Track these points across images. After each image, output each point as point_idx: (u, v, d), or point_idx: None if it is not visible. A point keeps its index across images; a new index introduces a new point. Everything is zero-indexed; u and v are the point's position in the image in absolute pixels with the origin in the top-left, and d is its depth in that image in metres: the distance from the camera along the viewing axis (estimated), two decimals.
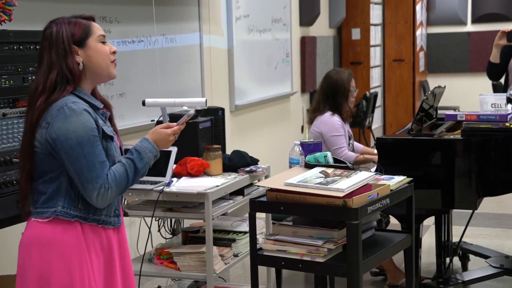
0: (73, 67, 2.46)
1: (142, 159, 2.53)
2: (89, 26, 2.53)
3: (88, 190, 2.41)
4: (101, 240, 2.52)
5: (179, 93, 5.37)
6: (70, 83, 2.45)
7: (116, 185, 2.45)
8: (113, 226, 2.57)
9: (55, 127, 2.39)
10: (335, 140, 4.82)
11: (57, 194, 2.45)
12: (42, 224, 2.45)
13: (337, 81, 4.91)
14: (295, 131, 8.07)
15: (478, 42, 10.28)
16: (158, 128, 2.65)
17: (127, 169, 2.48)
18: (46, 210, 2.45)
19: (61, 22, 2.51)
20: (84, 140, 2.39)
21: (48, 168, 2.45)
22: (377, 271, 4.87)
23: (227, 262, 3.82)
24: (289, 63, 7.78)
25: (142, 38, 4.98)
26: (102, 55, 2.53)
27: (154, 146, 2.58)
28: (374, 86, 9.86)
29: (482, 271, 4.59)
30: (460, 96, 9.86)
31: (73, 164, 2.40)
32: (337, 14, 9.20)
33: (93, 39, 2.52)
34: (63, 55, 2.45)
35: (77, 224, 2.46)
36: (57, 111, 2.40)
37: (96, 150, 2.41)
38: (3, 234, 3.47)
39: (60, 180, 2.45)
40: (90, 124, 2.42)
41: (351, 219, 2.82)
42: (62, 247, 2.44)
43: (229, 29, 6.39)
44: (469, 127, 4.14)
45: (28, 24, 3.55)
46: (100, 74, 2.55)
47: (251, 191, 4.00)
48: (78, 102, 2.44)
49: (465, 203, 4.05)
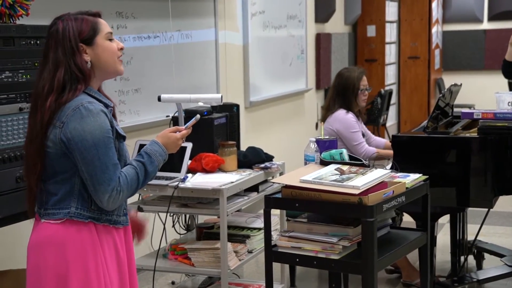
0: (82, 66, 2.42)
1: (153, 162, 2.53)
2: (97, 24, 2.48)
3: (100, 192, 2.38)
4: (113, 239, 2.52)
5: (194, 89, 5.38)
6: (81, 81, 2.41)
7: (127, 188, 2.44)
8: (123, 225, 2.57)
9: (70, 127, 2.36)
10: (354, 136, 4.84)
11: (69, 196, 2.42)
12: (55, 226, 2.42)
13: (347, 79, 4.94)
14: (310, 128, 8.06)
15: (494, 40, 10.22)
16: (167, 131, 2.64)
17: (138, 172, 2.48)
18: (58, 212, 2.43)
19: (67, 19, 2.46)
20: (100, 142, 2.36)
21: (60, 169, 2.42)
22: (392, 269, 4.86)
23: (241, 258, 3.82)
24: (304, 60, 7.77)
25: (158, 33, 4.98)
26: (110, 53, 2.49)
27: (164, 150, 2.58)
28: (389, 84, 9.82)
29: (497, 269, 4.57)
30: (476, 94, 9.81)
31: (86, 165, 2.37)
32: (352, 11, 9.17)
33: (101, 36, 2.47)
34: (70, 53, 2.41)
35: (91, 225, 2.45)
36: (72, 111, 2.36)
37: (110, 152, 2.40)
38: (17, 228, 3.49)
39: (73, 181, 2.42)
40: (106, 125, 2.39)
41: (366, 216, 2.81)
42: (77, 245, 2.42)
43: (244, 25, 6.39)
44: (485, 125, 4.12)
45: (45, 19, 3.54)
46: (108, 71, 2.52)
47: (266, 187, 4.00)
48: (94, 102, 2.41)
49: (481, 201, 4.03)
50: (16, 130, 3.04)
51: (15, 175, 3.01)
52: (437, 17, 10.32)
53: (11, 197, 2.99)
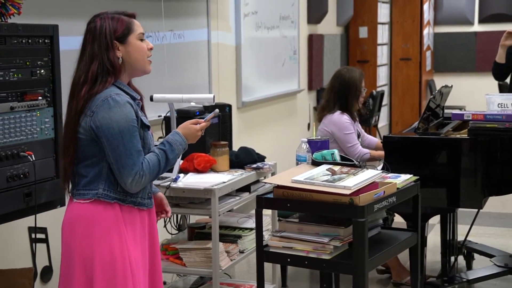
0: (114, 61, 2.65)
1: (173, 151, 2.72)
2: (131, 24, 2.71)
3: (124, 176, 2.60)
4: (136, 220, 2.71)
5: (186, 89, 5.38)
6: (111, 75, 2.64)
7: (150, 173, 2.64)
8: (147, 208, 2.76)
9: (99, 116, 2.58)
10: (348, 138, 4.80)
11: (98, 178, 2.65)
12: (84, 205, 2.65)
13: (349, 80, 4.85)
14: (302, 129, 8.08)
15: (485, 42, 10.26)
16: (188, 123, 2.83)
17: (160, 159, 2.68)
18: (88, 192, 2.65)
19: (105, 17, 2.69)
20: (124, 130, 2.58)
21: (90, 153, 2.64)
22: (383, 269, 4.87)
23: (232, 258, 3.83)
24: (297, 61, 7.78)
25: (150, 33, 4.98)
26: (141, 52, 2.72)
27: (184, 140, 2.78)
28: (380, 85, 9.85)
29: (487, 270, 4.59)
30: (466, 95, 9.85)
31: (113, 150, 2.59)
32: (344, 12, 9.19)
33: (133, 36, 2.70)
34: (105, 48, 2.64)
35: (116, 205, 2.65)
36: (102, 102, 2.59)
37: (134, 139, 2.61)
38: (10, 227, 3.48)
39: (102, 165, 2.64)
40: (131, 115, 2.61)
41: (357, 216, 2.82)
42: (103, 224, 2.63)
43: (237, 26, 6.39)
44: (475, 126, 4.14)
45: (37, 18, 3.56)
46: (137, 69, 2.74)
47: (258, 187, 4.01)
48: (122, 94, 2.63)
49: (471, 202, 4.05)
50: (7, 130, 3.03)
51: (6, 175, 3.00)
52: (429, 19, 10.35)
53: (2, 197, 2.97)
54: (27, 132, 3.11)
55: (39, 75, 3.17)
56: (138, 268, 2.69)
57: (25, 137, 3.10)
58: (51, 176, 3.19)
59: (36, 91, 3.16)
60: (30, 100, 3.12)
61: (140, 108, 2.76)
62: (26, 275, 3.32)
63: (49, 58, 3.22)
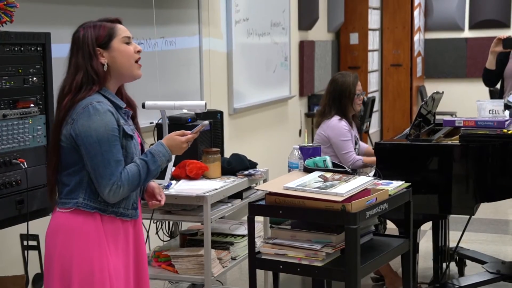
0: (97, 69, 2.62)
1: (155, 161, 2.67)
2: (113, 28, 2.68)
3: (102, 186, 2.57)
4: (119, 231, 2.67)
5: (178, 95, 5.38)
6: (96, 83, 2.61)
7: (128, 183, 2.60)
8: (131, 218, 2.72)
9: (79, 124, 2.56)
10: (343, 145, 4.82)
11: (79, 187, 2.62)
12: (65, 214, 2.62)
13: (342, 84, 4.90)
14: (293, 135, 8.09)
15: (475, 48, 10.31)
16: (173, 135, 2.78)
17: (140, 170, 2.63)
18: (69, 201, 2.62)
19: (87, 26, 2.67)
20: (103, 139, 2.55)
21: (72, 162, 2.61)
22: (378, 277, 4.87)
23: (225, 265, 3.83)
24: (288, 67, 7.80)
25: (142, 40, 4.98)
26: (126, 55, 2.68)
27: (167, 151, 2.72)
28: (371, 91, 9.87)
29: (479, 276, 4.59)
30: (457, 101, 9.89)
31: (91, 159, 2.56)
32: (335, 18, 9.22)
33: (117, 40, 2.67)
34: (88, 57, 2.62)
35: (97, 215, 2.62)
36: (82, 109, 2.56)
37: (114, 149, 2.57)
38: (2, 235, 3.48)
39: (83, 173, 2.61)
40: (112, 124, 2.57)
41: (349, 223, 2.83)
42: (83, 236, 2.59)
43: (228, 32, 6.40)
44: (467, 133, 4.16)
45: (29, 26, 3.55)
46: (124, 74, 2.70)
47: (250, 194, 4.01)
48: (103, 102, 2.59)
49: (462, 208, 4.06)
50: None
51: None
52: (419, 25, 10.39)
53: None
54: (19, 140, 3.11)
55: (31, 82, 3.17)
56: (118, 280, 2.64)
57: (17, 145, 3.10)
58: (43, 184, 3.18)
59: (29, 99, 3.16)
60: (22, 108, 3.12)
61: (131, 117, 2.75)
62: (18, 282, 3.31)
63: (41, 66, 3.23)
